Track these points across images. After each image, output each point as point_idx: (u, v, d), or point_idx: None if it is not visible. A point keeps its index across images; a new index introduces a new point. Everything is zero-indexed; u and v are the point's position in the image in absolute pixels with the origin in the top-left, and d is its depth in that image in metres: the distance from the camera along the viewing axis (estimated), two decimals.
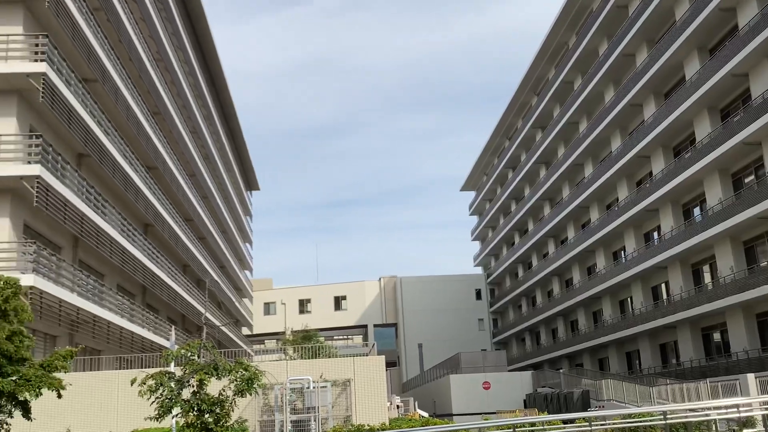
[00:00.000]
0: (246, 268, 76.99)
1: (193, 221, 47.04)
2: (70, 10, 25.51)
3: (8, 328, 14.14)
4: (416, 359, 74.38)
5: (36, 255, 23.00)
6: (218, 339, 48.48)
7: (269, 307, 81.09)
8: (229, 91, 60.66)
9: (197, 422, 13.90)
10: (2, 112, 24.02)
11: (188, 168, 46.70)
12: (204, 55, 54.57)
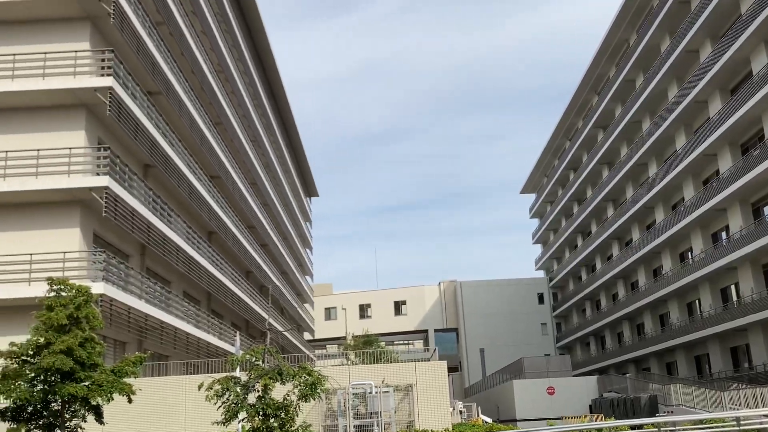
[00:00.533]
0: (306, 273, 77.83)
1: (254, 228, 47.83)
2: (134, 25, 26.31)
3: (81, 335, 14.63)
4: (478, 364, 73.79)
5: (106, 263, 23.75)
6: (281, 344, 49.09)
7: (330, 312, 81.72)
8: (287, 99, 61.52)
9: (262, 427, 14.10)
10: (72, 125, 24.92)
11: (249, 176, 47.53)
12: (263, 64, 55.51)
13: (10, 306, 23.02)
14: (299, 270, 70.12)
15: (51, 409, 14.76)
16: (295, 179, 70.54)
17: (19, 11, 25.27)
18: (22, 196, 23.85)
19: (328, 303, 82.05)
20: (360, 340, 61.43)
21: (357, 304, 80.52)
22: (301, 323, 67.08)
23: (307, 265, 76.69)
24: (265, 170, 53.56)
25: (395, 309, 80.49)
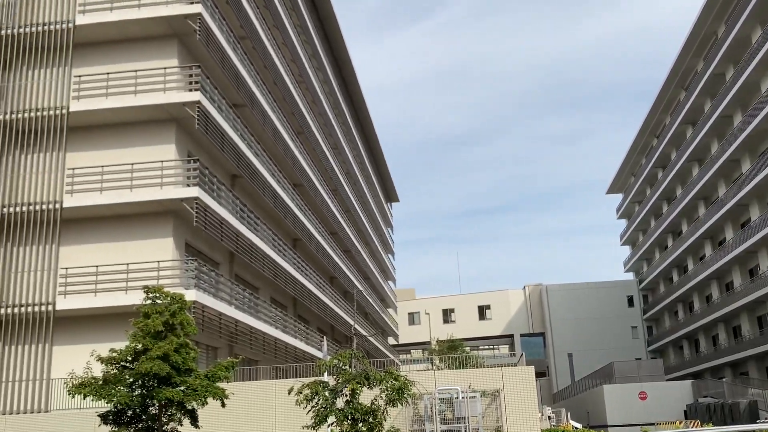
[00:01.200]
0: (389, 278, 78.18)
1: (337, 234, 48.45)
2: (219, 40, 27.15)
3: (176, 341, 15.18)
4: (566, 369, 72.26)
5: (197, 271, 24.56)
6: (366, 349, 49.49)
7: (413, 317, 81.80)
8: (366, 106, 62.09)
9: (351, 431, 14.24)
10: (163, 139, 25.91)
11: (331, 183, 48.21)
12: (341, 72, 56.23)
13: (109, 313, 24.11)
14: (382, 275, 70.51)
15: (149, 413, 15.37)
16: (375, 185, 71.06)
17: (111, 32, 26.49)
18: (118, 208, 24.96)
19: (411, 308, 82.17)
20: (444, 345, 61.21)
21: (440, 309, 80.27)
22: (385, 328, 67.41)
23: (389, 270, 77.03)
24: (346, 177, 54.21)
25: (479, 313, 79.79)
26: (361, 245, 57.22)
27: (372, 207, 66.78)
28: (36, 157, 25.44)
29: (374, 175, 70.92)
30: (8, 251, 24.76)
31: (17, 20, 26.57)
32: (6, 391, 23.54)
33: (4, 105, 25.89)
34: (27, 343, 23.90)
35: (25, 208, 24.87)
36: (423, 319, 79.76)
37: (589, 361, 68.47)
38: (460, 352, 50.99)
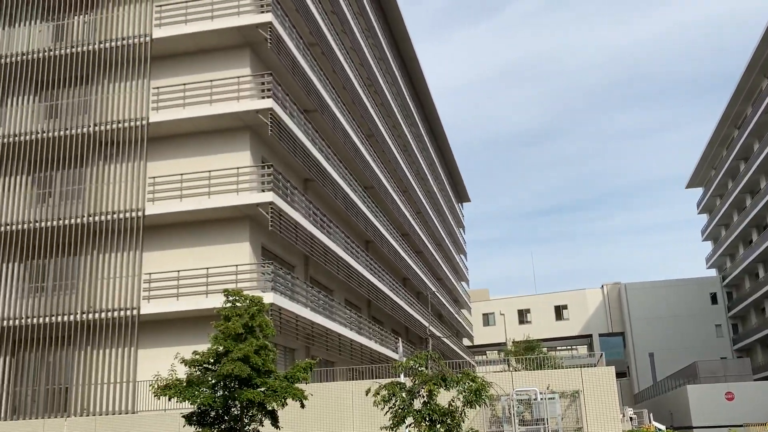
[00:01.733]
0: (462, 279, 77.74)
1: (409, 236, 48.51)
2: (290, 48, 27.61)
3: (255, 343, 15.50)
4: (647, 369, 70.24)
5: (274, 275, 25.03)
6: (441, 350, 49.35)
7: (488, 317, 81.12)
8: (434, 106, 61.95)
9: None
10: (238, 147, 26.53)
11: (401, 185, 48.32)
12: (409, 74, 56.30)
13: (191, 317, 24.83)
14: (455, 276, 70.20)
15: (231, 413, 15.73)
16: (446, 185, 70.82)
17: (187, 44, 27.30)
18: (197, 214, 25.69)
19: (485, 309, 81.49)
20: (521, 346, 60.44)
21: (515, 309, 79.30)
22: (459, 329, 67.08)
23: (462, 270, 76.62)
24: (417, 178, 54.23)
25: (556, 314, 78.43)
26: (433, 246, 57.13)
27: (443, 207, 66.59)
28: (119, 167, 26.43)
29: (444, 175, 70.69)
30: (95, 259, 25.80)
31: (98, 36, 27.68)
32: (95, 393, 24.53)
33: (88, 118, 27.00)
34: (114, 347, 24.85)
35: (110, 216, 25.88)
36: (498, 319, 78.97)
37: (671, 361, 66.41)
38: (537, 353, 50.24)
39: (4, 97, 27.92)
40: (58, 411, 24.71)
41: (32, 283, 26.17)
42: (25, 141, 27.19)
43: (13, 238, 26.40)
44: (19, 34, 28.47)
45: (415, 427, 14.79)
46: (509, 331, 73.72)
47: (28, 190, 26.97)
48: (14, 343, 25.80)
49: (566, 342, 79.24)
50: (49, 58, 27.89)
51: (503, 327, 75.13)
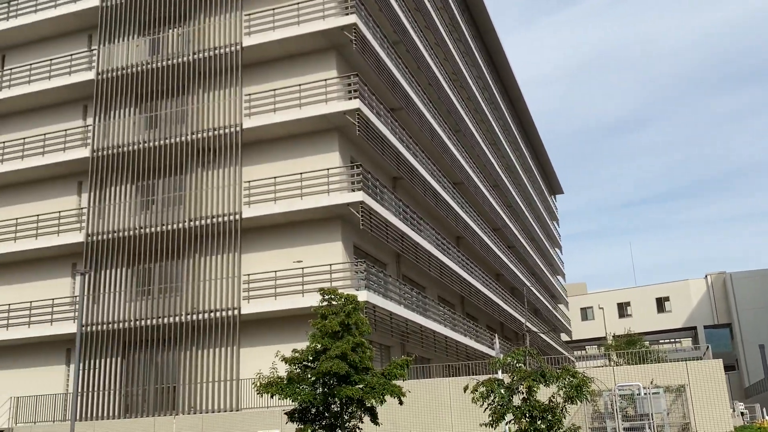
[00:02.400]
0: (558, 273, 76.25)
1: (500, 230, 47.96)
2: (375, 48, 27.82)
3: (352, 341, 15.68)
4: (757, 362, 66.75)
5: (366, 273, 25.29)
6: (538, 346, 48.56)
7: (586, 312, 79.19)
8: (523, 98, 60.99)
9: (530, 428, 14.00)
10: (327, 148, 26.95)
11: (491, 179, 47.82)
12: (495, 66, 55.63)
13: (288, 316, 25.42)
14: (550, 270, 68.92)
15: (331, 410, 15.98)
16: (537, 178, 69.61)
17: (275, 50, 27.94)
18: (290, 216, 26.26)
19: (583, 303, 79.57)
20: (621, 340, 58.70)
21: (615, 303, 77.02)
22: (557, 324, 65.81)
23: (557, 264, 75.16)
24: (507, 172, 53.54)
25: (658, 306, 75.69)
26: (526, 240, 56.28)
27: (535, 200, 65.49)
28: (216, 173, 27.34)
29: (535, 167, 69.50)
30: (196, 262, 26.79)
31: (191, 48, 28.72)
32: (201, 391, 25.48)
33: (185, 127, 28.07)
34: (217, 346, 25.73)
35: (209, 220, 26.81)
36: (596, 314, 76.96)
37: None
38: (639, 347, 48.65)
39: (108, 111, 29.38)
40: (167, 409, 25.80)
41: (139, 287, 27.44)
42: (128, 152, 28.53)
43: (120, 245, 27.76)
44: (118, 50, 29.89)
45: (515, 424, 14.60)
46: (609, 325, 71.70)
47: (133, 198, 28.28)
48: (125, 344, 27.12)
49: (669, 335, 76.32)
50: (147, 71, 29.14)
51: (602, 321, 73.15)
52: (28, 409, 27.62)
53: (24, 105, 31.73)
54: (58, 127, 31.04)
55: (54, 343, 28.52)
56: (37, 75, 31.31)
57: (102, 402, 26.53)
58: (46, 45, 32.43)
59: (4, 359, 29.26)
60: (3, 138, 32.00)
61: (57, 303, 28.40)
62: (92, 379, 26.82)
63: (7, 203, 31.24)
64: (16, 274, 30.21)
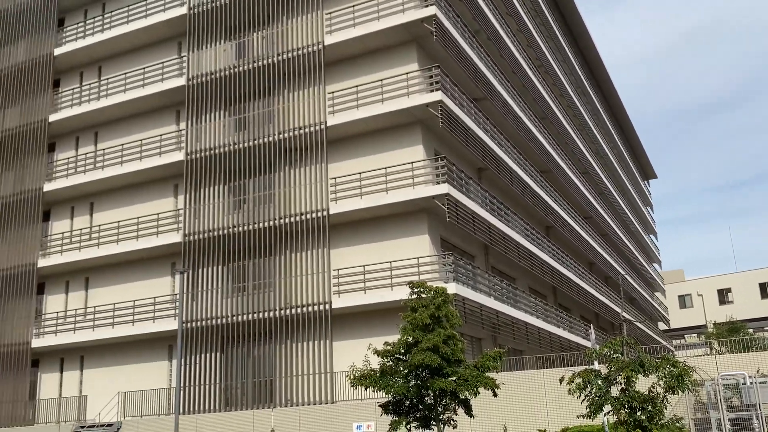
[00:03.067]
0: (654, 261, 73.80)
1: (592, 218, 46.80)
2: (455, 38, 27.61)
3: (443, 333, 15.67)
4: None
5: (454, 265, 25.19)
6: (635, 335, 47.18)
7: (684, 299, 76.29)
8: (611, 81, 59.24)
9: (630, 420, 13.63)
10: (411, 141, 26.97)
11: (580, 166, 46.70)
12: (580, 50, 54.24)
13: (378, 309, 25.63)
14: (645, 258, 66.79)
15: (425, 402, 16.03)
16: (629, 163, 67.51)
17: (356, 47, 28.17)
18: (376, 210, 26.45)
19: (680, 290, 76.67)
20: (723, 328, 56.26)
21: (714, 289, 73.84)
22: (654, 313, 63.71)
23: (653, 251, 72.74)
24: (596, 157, 52.15)
25: (761, 291, 72.07)
26: (619, 228, 54.70)
27: (627, 186, 63.54)
28: (303, 171, 27.84)
29: (626, 152, 67.39)
30: (287, 258, 27.38)
31: (275, 50, 29.32)
32: (297, 384, 26.05)
33: (272, 127, 28.70)
34: (311, 340, 26.24)
35: (298, 218, 27.34)
36: (695, 301, 74.03)
37: None
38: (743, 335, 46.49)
39: (199, 115, 30.39)
40: (265, 402, 26.52)
41: (235, 284, 28.29)
42: (219, 153, 29.43)
43: (215, 244, 28.69)
44: (206, 55, 30.85)
45: (613, 415, 14.24)
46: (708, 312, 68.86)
47: (225, 198, 29.17)
48: (223, 340, 28.04)
49: None
50: (235, 74, 29.95)
51: (702, 308, 70.31)
52: (134, 404, 28.98)
53: (121, 113, 33.21)
54: (153, 132, 32.35)
55: (157, 339, 29.79)
56: (131, 83, 32.71)
57: (203, 396, 27.53)
58: (138, 54, 33.83)
59: (111, 356, 30.80)
60: (102, 145, 33.61)
61: (158, 301, 29.65)
62: (193, 374, 27.86)
63: (108, 207, 32.81)
64: (119, 274, 31.71)
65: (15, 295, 32.76)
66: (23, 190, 33.99)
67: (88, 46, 34.00)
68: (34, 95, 35.02)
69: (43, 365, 32.47)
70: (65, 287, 33.00)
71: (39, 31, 35.74)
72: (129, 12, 33.32)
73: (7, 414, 31.38)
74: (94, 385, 30.83)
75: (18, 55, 36.11)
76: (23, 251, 33.17)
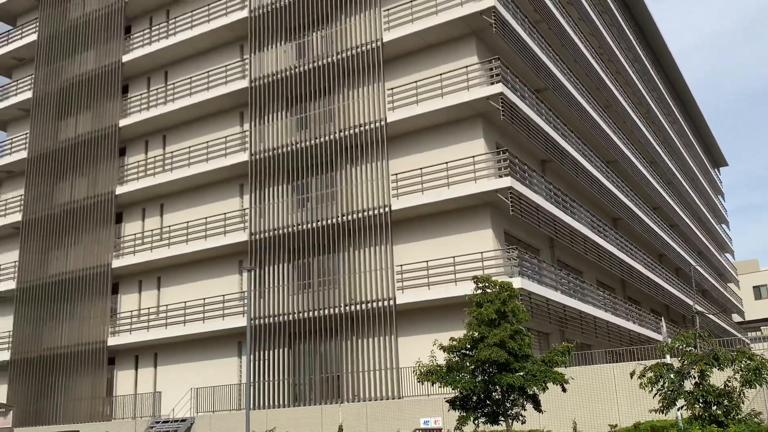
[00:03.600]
0: (726, 251, 71.40)
1: (660, 209, 45.61)
2: (515, 29, 27.28)
3: (510, 328, 15.55)
4: None
5: (519, 259, 24.92)
6: (708, 328, 45.78)
7: (759, 290, 73.58)
8: (676, 66, 57.55)
9: (704, 414, 13.25)
10: (472, 135, 26.79)
11: (647, 155, 45.53)
12: (644, 36, 52.85)
13: (442, 305, 25.58)
14: (717, 248, 64.69)
15: (493, 398, 15.93)
16: (698, 150, 65.46)
17: (415, 42, 28.13)
18: (438, 205, 26.37)
19: (756, 281, 73.94)
20: None
21: None
22: (727, 305, 61.65)
23: (725, 241, 70.39)
24: (664, 146, 50.75)
25: None
26: (689, 218, 53.12)
27: (697, 175, 61.63)
28: (364, 168, 27.98)
29: (695, 139, 65.34)
30: (351, 255, 27.58)
31: (334, 48, 29.54)
32: (363, 380, 26.24)
33: (333, 125, 28.94)
34: (376, 336, 26.38)
35: (361, 214, 27.50)
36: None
37: None
38: None
39: (262, 116, 30.88)
40: (332, 397, 26.81)
41: (300, 281, 28.66)
42: (282, 153, 29.84)
43: (281, 242, 29.13)
44: (268, 57, 31.31)
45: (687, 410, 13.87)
46: None
47: (289, 197, 29.57)
48: (290, 336, 28.45)
49: None
50: (295, 74, 30.30)
51: None
52: (206, 399, 29.72)
53: (187, 116, 34.02)
54: (219, 134, 33.03)
55: (226, 336, 30.46)
56: (196, 87, 33.48)
57: (272, 391, 28.01)
58: (202, 58, 34.60)
59: (184, 353, 31.65)
60: (170, 148, 34.51)
61: (227, 299, 30.31)
62: (262, 370, 28.37)
63: (177, 208, 33.68)
64: (189, 273, 32.53)
65: (91, 295, 33.99)
66: (96, 193, 35.20)
67: (154, 52, 34.95)
68: (104, 101, 36.21)
69: (119, 363, 33.61)
70: (138, 287, 34.07)
71: (107, 39, 36.91)
72: (192, 17, 34.09)
73: (86, 410, 32.62)
74: (167, 381, 31.75)
75: (88, 64, 37.38)
76: (98, 253, 34.38)
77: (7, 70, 42.39)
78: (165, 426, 28.54)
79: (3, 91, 40.98)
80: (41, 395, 34.20)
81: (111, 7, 37.09)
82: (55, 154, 37.17)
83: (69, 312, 34.47)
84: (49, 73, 38.73)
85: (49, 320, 34.95)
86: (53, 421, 33.20)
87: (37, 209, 37.05)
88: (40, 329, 35.16)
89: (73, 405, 33.04)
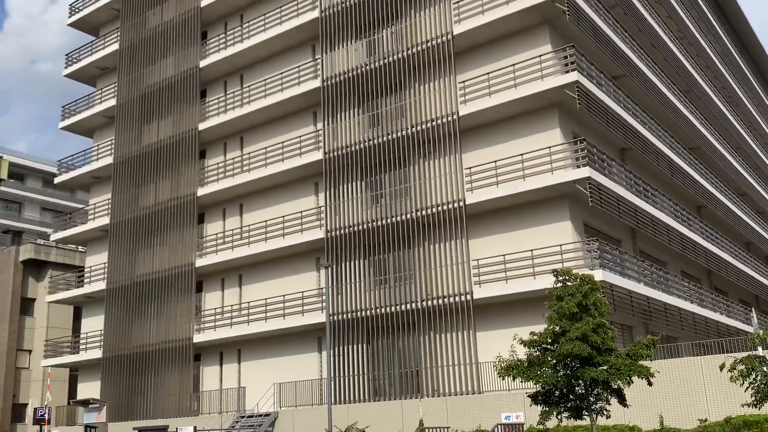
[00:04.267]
0: None
1: (747, 195, 43.81)
2: (590, 16, 26.66)
3: (592, 322, 15.24)
4: None
5: (600, 251, 24.37)
6: None
7: None
8: (761, 47, 55.12)
9: None
10: (547, 125, 26.34)
11: (732, 141, 43.77)
12: (726, 16, 50.75)
13: (521, 299, 25.29)
14: None
15: (576, 392, 15.67)
16: None
17: (486, 34, 27.86)
18: (514, 198, 26.07)
19: None
20: None
21: None
22: None
23: None
24: (750, 130, 48.68)
25: None
26: None
27: None
28: (437, 163, 27.92)
29: None
30: (426, 250, 27.59)
31: (405, 44, 29.56)
32: (442, 375, 26.22)
33: (405, 121, 28.98)
34: (454, 331, 26.31)
35: (435, 209, 27.46)
36: None
37: None
38: None
39: (335, 114, 31.22)
40: (412, 392, 26.90)
41: (377, 277, 28.87)
42: (355, 150, 30.09)
43: (356, 238, 29.40)
44: (339, 56, 31.61)
45: None
46: None
47: (363, 193, 29.81)
48: (368, 331, 28.70)
49: None
50: (366, 72, 30.49)
51: None
52: (289, 394, 30.31)
53: (263, 117, 34.71)
54: (293, 134, 33.56)
55: (306, 332, 30.97)
56: (271, 89, 34.12)
57: (352, 386, 28.32)
58: (276, 60, 35.22)
59: (266, 349, 32.36)
60: (248, 149, 35.30)
61: (306, 295, 30.82)
62: (342, 365, 28.72)
63: (256, 208, 34.44)
64: (268, 271, 33.22)
65: (177, 294, 35.15)
66: (179, 195, 36.36)
67: (229, 56, 35.79)
68: (184, 106, 37.34)
69: (204, 359, 34.66)
70: (221, 285, 35.02)
71: (185, 45, 38.03)
72: (265, 20, 34.75)
73: (174, 405, 33.78)
74: (251, 376, 32.54)
75: (168, 70, 38.62)
76: (182, 252, 35.51)
77: (91, 79, 44.21)
78: (250, 420, 29.27)
79: (89, 99, 42.81)
80: (132, 391, 35.63)
81: (187, 14, 38.18)
82: (139, 159, 38.58)
83: (156, 311, 35.76)
84: (131, 80, 40.20)
85: (138, 319, 36.35)
86: (144, 416, 34.53)
87: (123, 212, 38.55)
88: (129, 328, 36.61)
89: (162, 401, 34.28)
